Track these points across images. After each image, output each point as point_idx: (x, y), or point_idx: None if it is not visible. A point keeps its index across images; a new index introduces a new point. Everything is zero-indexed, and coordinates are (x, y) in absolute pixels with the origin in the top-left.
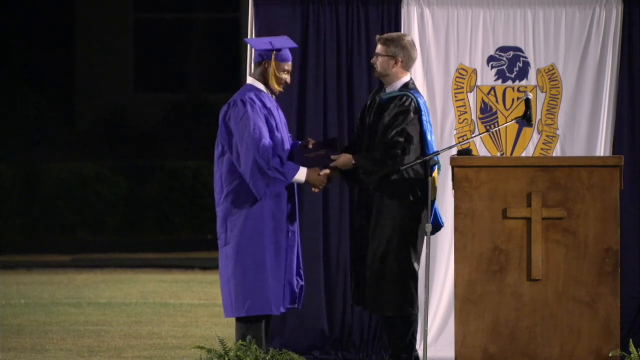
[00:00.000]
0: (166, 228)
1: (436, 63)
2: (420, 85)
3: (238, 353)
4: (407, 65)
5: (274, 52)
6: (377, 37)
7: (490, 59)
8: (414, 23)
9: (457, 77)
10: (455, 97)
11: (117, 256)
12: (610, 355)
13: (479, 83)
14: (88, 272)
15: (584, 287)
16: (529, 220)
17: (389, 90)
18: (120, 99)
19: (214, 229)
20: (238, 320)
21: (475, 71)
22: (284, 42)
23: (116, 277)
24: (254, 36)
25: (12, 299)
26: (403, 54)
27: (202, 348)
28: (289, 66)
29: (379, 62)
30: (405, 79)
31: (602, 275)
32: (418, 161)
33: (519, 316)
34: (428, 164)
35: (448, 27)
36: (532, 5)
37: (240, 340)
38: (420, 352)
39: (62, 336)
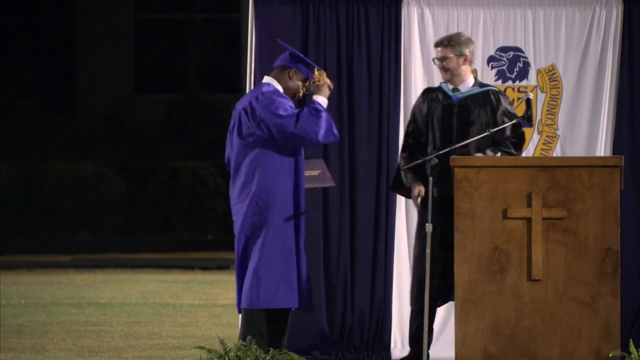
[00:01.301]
0: (166, 228)
1: None
2: (420, 85)
3: (238, 353)
4: (472, 61)
5: (311, 68)
6: (436, 42)
7: (490, 59)
8: (414, 23)
9: None
10: None
11: (117, 256)
12: (610, 355)
13: None
14: (88, 272)
15: (584, 287)
16: (529, 220)
17: (463, 88)
18: (120, 99)
19: (214, 229)
20: (251, 312)
21: (475, 71)
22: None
23: (116, 277)
24: (254, 36)
25: (12, 299)
26: (468, 50)
27: (202, 348)
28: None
29: (449, 64)
30: (472, 74)
31: (602, 275)
32: (418, 161)
33: (519, 316)
34: (429, 163)
35: (448, 27)
36: (532, 5)
37: (240, 340)
38: None
39: (62, 336)
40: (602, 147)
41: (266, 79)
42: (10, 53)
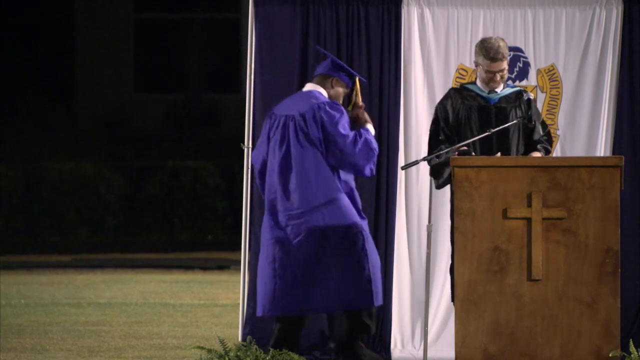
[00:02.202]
0: (166, 228)
1: (436, 63)
2: (420, 85)
3: (238, 353)
4: None
5: (357, 78)
6: (491, 57)
7: None
8: (414, 23)
9: (457, 77)
10: None
11: (117, 256)
12: (610, 355)
13: None
14: (88, 272)
15: (584, 287)
16: (529, 220)
17: (500, 91)
18: (120, 99)
19: (213, 229)
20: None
21: (475, 71)
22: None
23: (116, 277)
24: (254, 36)
25: (12, 299)
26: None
27: (202, 348)
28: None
29: (505, 74)
30: None
31: (602, 275)
32: (419, 161)
33: (519, 316)
34: (429, 163)
35: (448, 27)
36: (532, 5)
37: (241, 340)
38: (420, 352)
39: (62, 336)
40: (602, 147)
41: (311, 87)
42: (9, 53)
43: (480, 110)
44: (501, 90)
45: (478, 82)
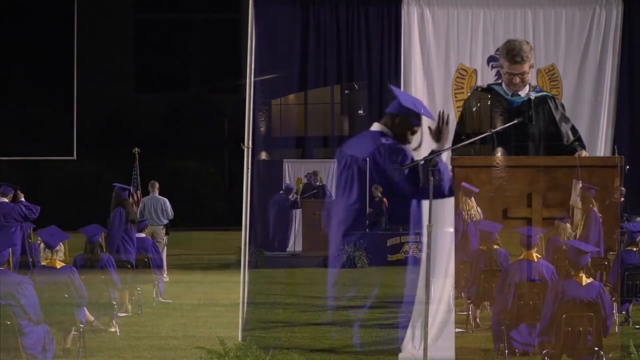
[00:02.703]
0: (166, 228)
1: (436, 63)
2: (420, 85)
3: (238, 353)
4: None
5: (420, 115)
6: (522, 57)
7: (490, 59)
8: (414, 23)
9: (457, 77)
10: (455, 97)
11: (117, 256)
12: (610, 355)
13: (479, 83)
14: (88, 272)
15: (584, 287)
16: (529, 220)
17: (522, 93)
18: (121, 99)
19: (214, 230)
20: None
21: (475, 71)
22: (425, 111)
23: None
24: (254, 36)
25: (13, 299)
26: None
27: (202, 348)
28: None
29: (527, 77)
30: None
31: (602, 275)
32: (419, 160)
33: (519, 316)
34: (429, 163)
35: (448, 27)
36: (532, 5)
37: (240, 340)
38: (420, 352)
39: (62, 336)
40: (602, 147)
41: (378, 127)
42: (8, 53)
43: (502, 112)
44: (525, 93)
45: (503, 84)
